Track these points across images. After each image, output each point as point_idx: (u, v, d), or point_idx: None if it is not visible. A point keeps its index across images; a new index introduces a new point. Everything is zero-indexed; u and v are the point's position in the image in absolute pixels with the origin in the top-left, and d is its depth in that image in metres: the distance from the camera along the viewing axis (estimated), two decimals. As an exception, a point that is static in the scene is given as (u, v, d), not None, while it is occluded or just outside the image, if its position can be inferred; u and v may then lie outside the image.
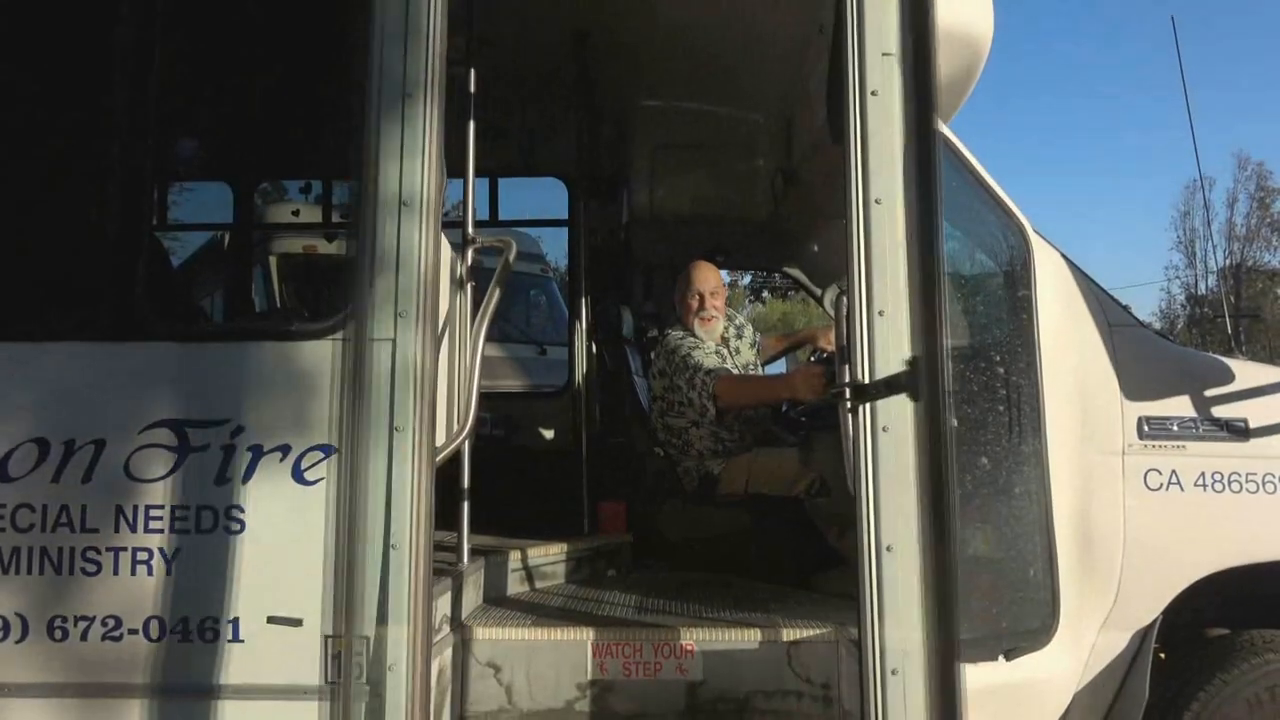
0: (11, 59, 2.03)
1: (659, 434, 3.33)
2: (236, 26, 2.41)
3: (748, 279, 35.92)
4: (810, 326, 4.05)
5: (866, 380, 1.93)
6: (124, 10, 2.02)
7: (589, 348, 3.71)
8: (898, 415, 1.90)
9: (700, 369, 3.09)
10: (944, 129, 2.17)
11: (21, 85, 2.01)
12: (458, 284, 2.45)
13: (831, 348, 3.38)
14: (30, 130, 2.01)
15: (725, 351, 3.38)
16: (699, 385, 3.08)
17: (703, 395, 3.07)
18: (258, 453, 1.93)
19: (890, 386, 1.80)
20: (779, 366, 4.16)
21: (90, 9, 2.03)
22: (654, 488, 3.29)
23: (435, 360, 2.07)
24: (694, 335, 3.28)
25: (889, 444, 1.91)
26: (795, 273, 4.53)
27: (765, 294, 35.60)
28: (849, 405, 1.97)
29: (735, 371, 3.29)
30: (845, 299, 2.04)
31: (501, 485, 3.17)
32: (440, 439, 2.15)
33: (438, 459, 2.05)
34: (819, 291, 4.47)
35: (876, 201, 1.98)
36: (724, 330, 3.40)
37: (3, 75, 2.02)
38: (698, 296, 3.28)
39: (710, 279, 3.31)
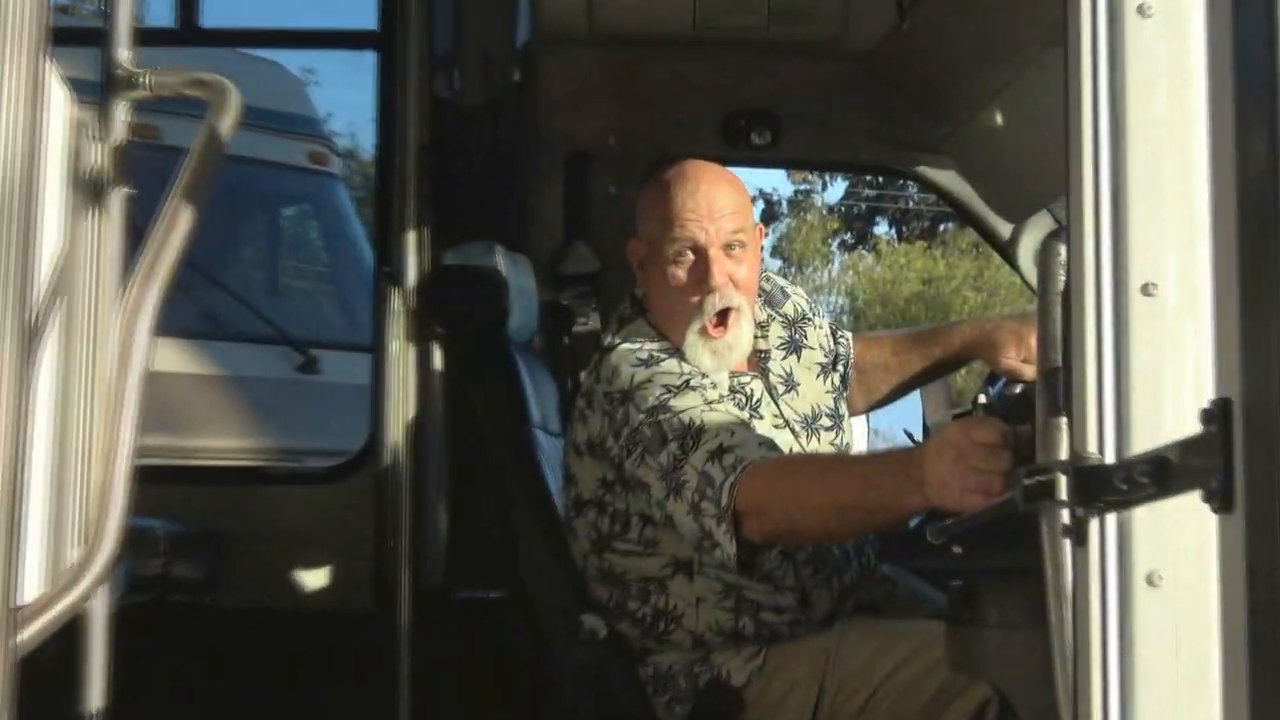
0: None
1: (592, 583, 3.36)
2: None
3: (837, 189, 36.80)
4: (979, 319, 4.08)
5: (1108, 456, 1.96)
6: None
7: (422, 358, 3.78)
8: (1181, 547, 1.94)
9: (694, 436, 3.11)
10: None
11: None
12: (88, 188, 2.45)
13: (1028, 373, 3.41)
14: None
15: (758, 386, 3.42)
16: (693, 486, 3.07)
17: (702, 509, 3.07)
18: None
19: (1166, 474, 1.83)
20: (908, 414, 4.22)
21: None
22: (579, 712, 3.33)
23: (24, 386, 2.06)
24: (672, 348, 3.32)
25: (1161, 616, 1.95)
26: (945, 185, 4.59)
27: (880, 229, 36.08)
28: (1065, 521, 2.00)
29: (786, 443, 3.33)
30: (1062, 251, 2.08)
31: (196, 709, 3.14)
32: (31, 589, 2.14)
33: (20, 638, 2.04)
34: (1003, 232, 4.53)
35: (1140, 10, 2.02)
36: (756, 334, 3.45)
37: None
38: (688, 252, 3.31)
39: (720, 203, 3.32)
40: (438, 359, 3.85)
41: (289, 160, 7.35)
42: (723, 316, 3.26)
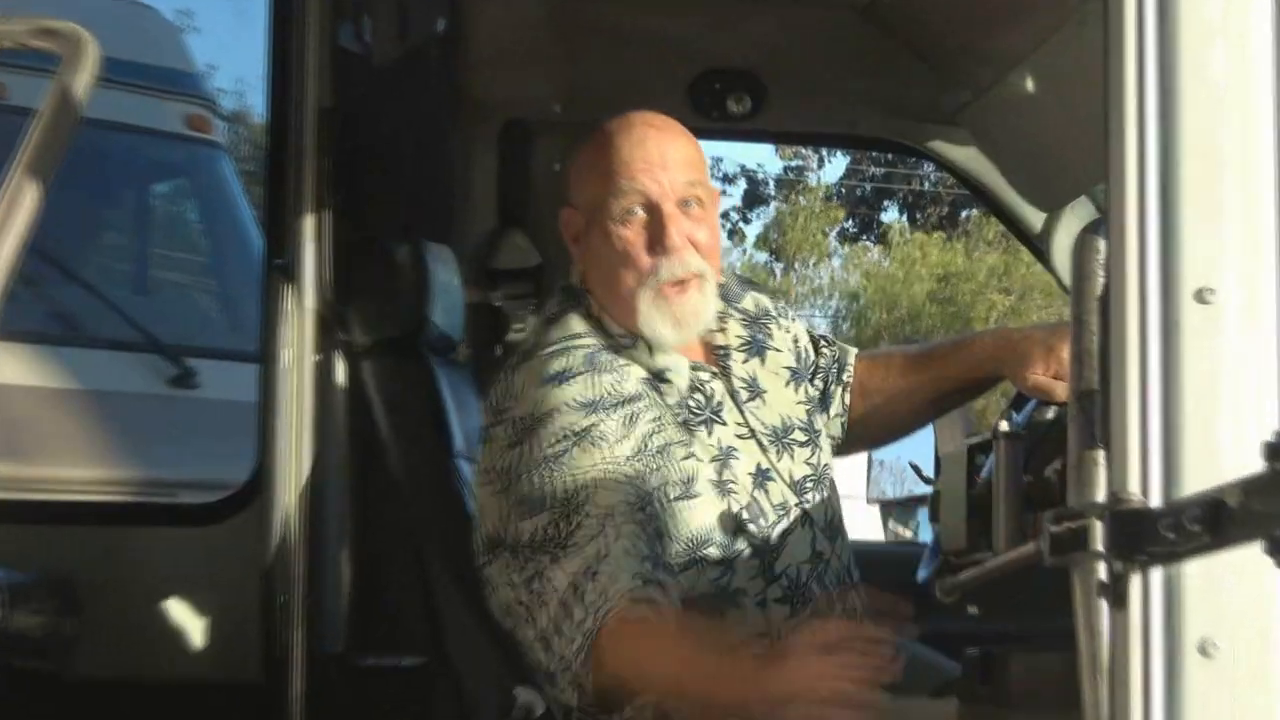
0: None
1: (524, 644, 3.34)
2: None
3: (836, 167, 36.83)
4: (1003, 329, 4.07)
5: (1153, 498, 1.98)
6: None
7: (322, 372, 3.80)
8: (1240, 609, 1.96)
9: (573, 523, 3.12)
10: None
11: None
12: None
13: (1060, 391, 3.43)
14: None
15: (719, 387, 3.45)
16: (550, 612, 3.09)
17: (550, 645, 3.10)
18: None
19: (1222, 521, 1.84)
20: (918, 445, 4.22)
21: None
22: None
23: None
24: (594, 355, 3.33)
25: (1216, 692, 1.96)
26: (963, 164, 4.60)
27: (889, 216, 36.05)
28: (1101, 577, 2.01)
29: (753, 458, 3.39)
30: (1102, 246, 2.10)
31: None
32: None
33: None
34: (1034, 222, 4.54)
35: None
36: (714, 326, 3.49)
37: None
38: (638, 210, 3.33)
39: (673, 153, 3.37)
40: (340, 373, 3.83)
41: (161, 125, 7.33)
42: (682, 284, 3.29)
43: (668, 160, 3.31)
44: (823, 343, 3.71)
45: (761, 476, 3.38)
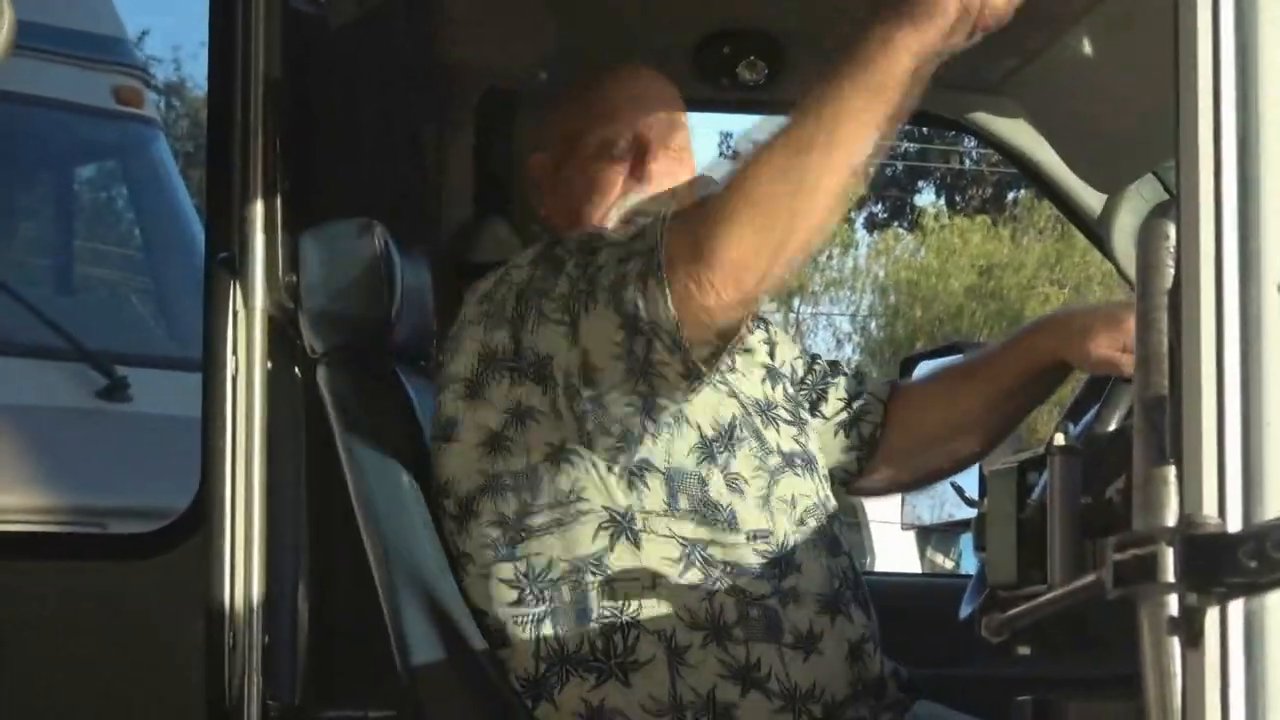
0: None
1: (515, 641, 3.34)
2: None
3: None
4: (1060, 310, 4.08)
5: (1231, 520, 1.98)
6: None
7: (274, 382, 3.83)
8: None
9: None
10: None
11: None
12: None
13: (1127, 365, 3.44)
14: None
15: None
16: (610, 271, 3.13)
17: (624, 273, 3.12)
18: None
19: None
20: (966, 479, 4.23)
21: None
22: None
23: None
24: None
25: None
26: (1011, 139, 4.60)
27: (925, 199, 36.08)
28: (1172, 612, 2.01)
29: (771, 393, 3.49)
30: (1172, 232, 2.12)
31: None
32: None
33: None
34: (1092, 205, 4.54)
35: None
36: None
37: None
38: (620, 142, 3.45)
39: (661, 92, 3.52)
40: (295, 383, 3.84)
41: (86, 99, 7.33)
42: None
43: (654, 100, 3.46)
44: (815, 359, 3.78)
45: (749, 429, 3.42)
